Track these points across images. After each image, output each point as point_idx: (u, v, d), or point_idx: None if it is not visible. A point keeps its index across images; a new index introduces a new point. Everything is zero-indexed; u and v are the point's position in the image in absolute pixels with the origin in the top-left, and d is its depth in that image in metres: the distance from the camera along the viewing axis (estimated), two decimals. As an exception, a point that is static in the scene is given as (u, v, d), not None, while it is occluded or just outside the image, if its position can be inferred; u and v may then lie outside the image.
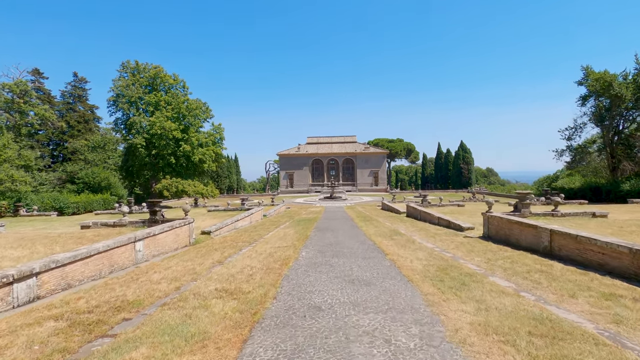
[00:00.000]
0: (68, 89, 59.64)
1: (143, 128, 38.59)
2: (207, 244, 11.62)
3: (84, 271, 7.01)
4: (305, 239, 12.18)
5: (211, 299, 5.40)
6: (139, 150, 37.83)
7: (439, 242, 10.85)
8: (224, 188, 75.43)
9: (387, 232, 13.74)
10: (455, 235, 12.27)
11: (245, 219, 19.20)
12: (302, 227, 16.27)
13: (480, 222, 15.36)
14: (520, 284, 6.05)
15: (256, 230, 15.70)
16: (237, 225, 17.54)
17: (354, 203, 40.42)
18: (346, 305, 5.13)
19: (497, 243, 10.43)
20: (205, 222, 18.86)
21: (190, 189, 38.16)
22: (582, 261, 7.38)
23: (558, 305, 4.91)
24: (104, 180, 45.32)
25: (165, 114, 38.25)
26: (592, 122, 28.76)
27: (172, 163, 38.34)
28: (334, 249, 10.14)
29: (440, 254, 8.89)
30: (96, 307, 5.18)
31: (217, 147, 43.45)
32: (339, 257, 8.90)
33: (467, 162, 73.73)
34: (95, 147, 55.37)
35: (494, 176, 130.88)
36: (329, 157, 69.06)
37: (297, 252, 9.67)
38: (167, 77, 41.51)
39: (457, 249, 9.66)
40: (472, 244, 10.35)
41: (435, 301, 5.13)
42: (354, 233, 13.72)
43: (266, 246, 10.69)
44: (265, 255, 9.07)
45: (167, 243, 10.38)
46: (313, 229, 15.28)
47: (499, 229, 11.00)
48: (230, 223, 16.35)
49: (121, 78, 40.28)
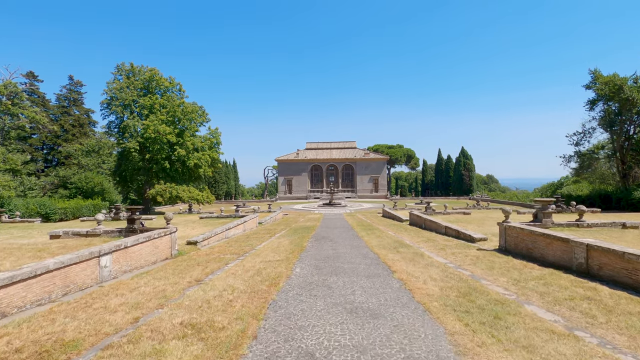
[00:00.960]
0: (63, 93, 58.69)
1: (137, 132, 37.41)
2: (191, 256, 10.34)
3: (27, 295, 5.72)
4: (300, 251, 10.91)
5: (170, 340, 4.11)
6: (132, 154, 36.57)
7: (451, 256, 9.58)
8: (221, 194, 74.08)
9: (391, 243, 12.47)
10: (467, 248, 11.00)
11: (238, 227, 17.91)
12: (299, 236, 14.99)
13: (492, 232, 14.10)
14: (569, 317, 4.78)
15: (248, 240, 14.42)
16: (229, 234, 16.26)
17: (353, 210, 39.15)
18: (348, 350, 3.86)
19: (518, 257, 9.17)
20: (195, 230, 17.57)
21: (184, 194, 36.91)
22: (632, 284, 6.11)
23: (636, 354, 3.65)
24: (98, 185, 44.09)
25: (160, 117, 37.08)
26: (602, 127, 27.66)
27: (166, 168, 37.06)
28: (332, 263, 8.86)
29: (456, 272, 7.62)
30: (15, 353, 3.89)
31: (213, 152, 42.24)
32: (339, 274, 7.62)
33: (468, 168, 72.56)
34: (90, 152, 54.21)
35: (494, 183, 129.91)
36: (328, 162, 67.89)
37: (290, 267, 8.39)
38: (162, 80, 40.44)
39: (475, 265, 8.39)
40: (490, 258, 9.08)
41: (467, 346, 3.85)
42: (355, 244, 12.45)
43: (256, 260, 9.41)
44: (253, 273, 7.79)
45: (143, 256, 9.09)
46: (310, 239, 14.01)
47: (518, 242, 9.73)
48: (220, 232, 15.06)
49: (115, 81, 39.19)
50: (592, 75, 28.58)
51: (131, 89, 38.95)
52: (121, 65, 40.65)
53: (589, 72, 28.84)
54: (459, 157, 74.64)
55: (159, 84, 40.65)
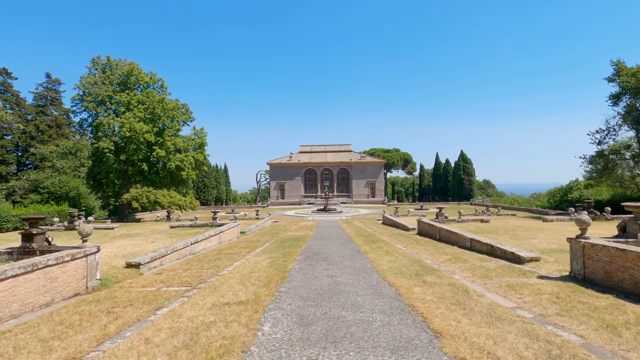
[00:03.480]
0: (39, 91, 54.79)
1: (112, 130, 33.83)
2: (114, 291, 6.87)
3: None
4: (281, 279, 7.52)
5: None
6: (106, 155, 32.93)
7: (511, 293, 6.20)
8: (211, 199, 70.28)
9: (407, 263, 9.12)
10: (520, 274, 7.69)
11: (211, 239, 14.44)
12: (284, 252, 11.59)
13: (538, 248, 10.85)
14: None
15: (219, 257, 10.98)
16: (197, 248, 12.80)
17: (350, 216, 35.80)
18: None
19: (620, 296, 5.89)
20: (154, 244, 14.05)
21: (164, 199, 33.30)
22: None
23: None
24: (73, 190, 40.26)
25: (137, 115, 33.55)
26: (628, 124, 24.82)
27: (144, 170, 33.39)
28: (327, 308, 5.49)
29: (555, 339, 4.27)
30: None
31: (198, 154, 38.75)
32: (342, 341, 4.25)
33: (468, 172, 69.74)
34: (66, 154, 50.33)
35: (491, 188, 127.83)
36: (323, 166, 64.58)
37: (254, 322, 4.97)
38: (142, 75, 36.94)
39: (569, 316, 4.99)
40: (583, 300, 5.74)
41: None
42: (358, 266, 9.07)
43: (206, 301, 5.97)
44: (183, 342, 4.36)
45: (20, 297, 5.62)
46: (298, 256, 10.62)
47: (613, 269, 6.37)
48: (182, 247, 11.59)
49: (89, 75, 35.64)
50: (614, 67, 25.78)
51: (107, 83, 35.43)
52: (97, 58, 37.13)
53: (611, 64, 26.05)
54: (458, 161, 71.85)
55: (138, 80, 37.17)
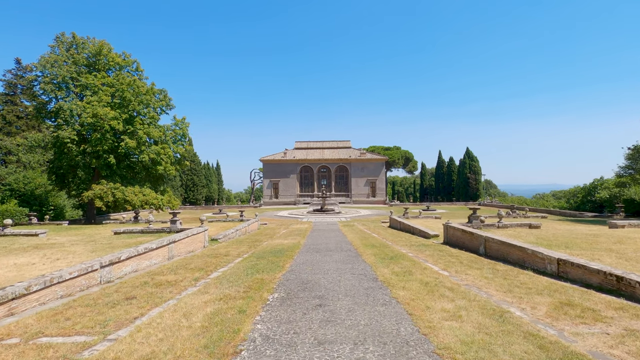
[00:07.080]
0: (8, 78, 49.80)
1: (75, 117, 29.05)
2: None
3: None
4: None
5: None
6: (67, 146, 28.19)
7: None
8: (200, 199, 65.52)
9: (488, 324, 4.65)
10: None
11: (152, 254, 9.83)
12: (252, 281, 7.04)
13: None
14: None
15: (132, 294, 6.43)
16: (117, 272, 8.22)
17: (350, 218, 31.29)
18: None
19: None
20: (57, 262, 9.38)
21: (135, 197, 28.52)
22: None
23: None
24: (40, 187, 35.45)
25: (104, 98, 28.83)
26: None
27: (111, 163, 28.65)
28: None
29: None
30: None
31: (178, 146, 34.06)
32: None
33: (475, 171, 65.44)
34: (34, 147, 45.36)
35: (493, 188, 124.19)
36: (320, 163, 60.03)
37: None
38: (113, 56, 32.15)
39: None
40: None
41: None
42: (387, 327, 4.58)
43: None
44: None
45: None
46: (273, 292, 6.11)
47: None
48: (87, 271, 7.02)
49: (51, 54, 30.85)
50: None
51: (70, 64, 30.61)
52: (61, 35, 32.26)
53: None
54: (464, 159, 67.57)
55: (109, 60, 32.38)
